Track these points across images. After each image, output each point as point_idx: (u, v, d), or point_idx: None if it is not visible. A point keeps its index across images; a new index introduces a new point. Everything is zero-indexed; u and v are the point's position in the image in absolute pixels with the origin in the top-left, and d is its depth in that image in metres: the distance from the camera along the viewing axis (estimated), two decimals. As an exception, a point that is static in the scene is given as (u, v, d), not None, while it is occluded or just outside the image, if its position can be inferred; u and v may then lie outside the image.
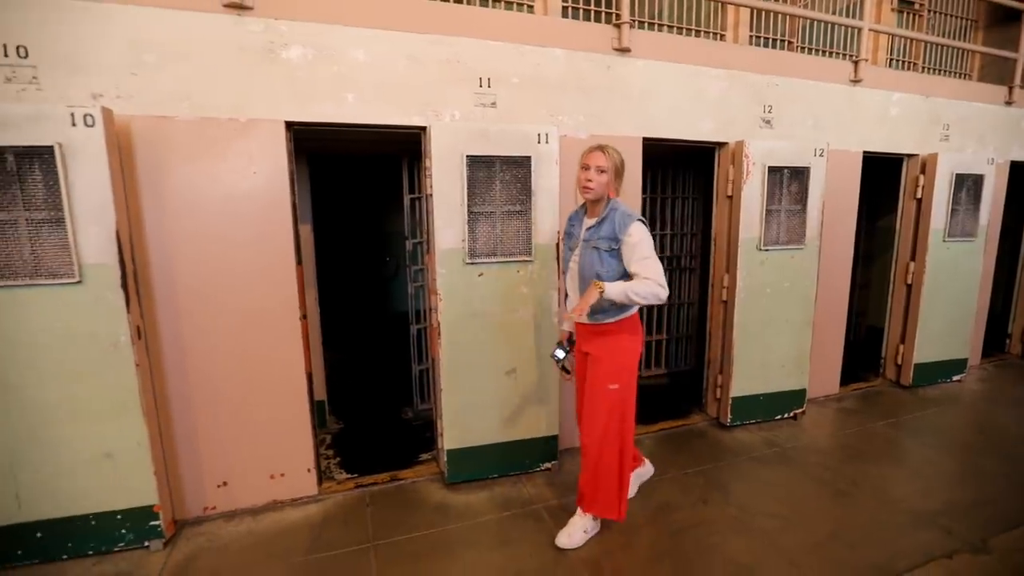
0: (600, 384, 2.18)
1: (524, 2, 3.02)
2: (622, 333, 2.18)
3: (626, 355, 2.20)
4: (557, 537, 2.30)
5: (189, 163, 2.31)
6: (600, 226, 2.12)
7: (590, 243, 2.13)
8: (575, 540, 2.28)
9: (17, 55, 2.06)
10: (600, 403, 2.19)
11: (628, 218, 2.07)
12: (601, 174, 2.08)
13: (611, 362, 2.18)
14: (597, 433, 2.20)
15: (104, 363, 2.15)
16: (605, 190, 2.11)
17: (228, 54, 2.29)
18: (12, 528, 2.18)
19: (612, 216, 2.09)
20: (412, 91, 2.58)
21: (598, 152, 2.10)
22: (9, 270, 2.02)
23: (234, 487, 2.58)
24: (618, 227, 2.06)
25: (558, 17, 2.97)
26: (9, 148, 1.95)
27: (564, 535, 2.30)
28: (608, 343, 2.18)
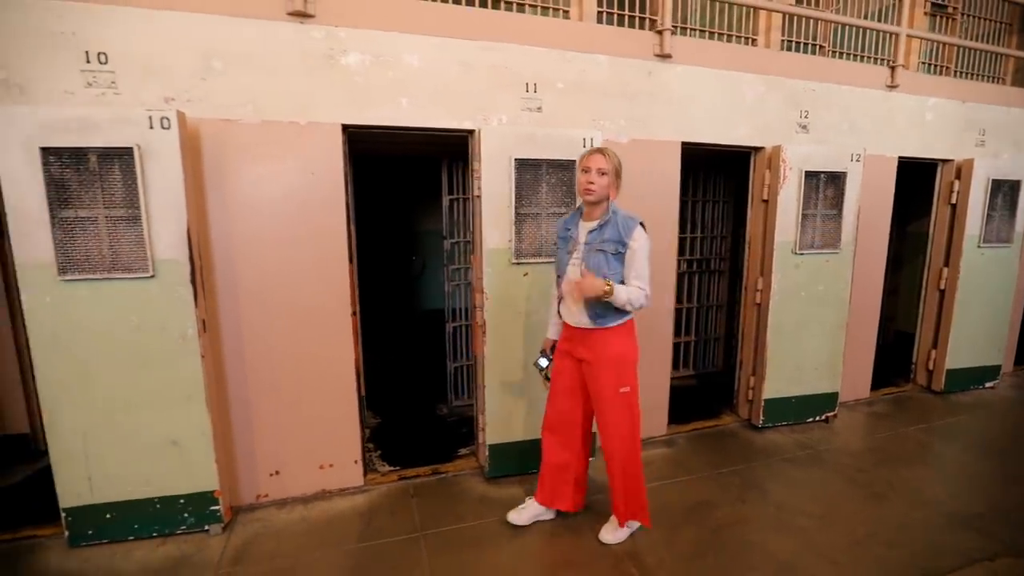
0: (613, 389, 2.19)
1: (560, 7, 3.09)
2: (625, 336, 2.21)
3: (630, 355, 2.23)
4: (601, 532, 2.37)
5: (251, 164, 2.42)
6: (603, 229, 2.12)
7: (593, 246, 2.13)
8: (620, 535, 2.36)
9: (98, 61, 2.18)
10: (619, 408, 2.21)
11: (631, 221, 2.10)
12: (602, 176, 2.08)
13: (620, 365, 2.19)
14: (619, 438, 2.23)
15: (172, 354, 2.26)
16: (606, 192, 2.11)
17: (290, 60, 2.39)
18: (84, 509, 2.29)
19: (615, 219, 2.11)
20: (462, 96, 2.66)
21: (598, 155, 2.10)
22: (89, 264, 2.13)
23: (286, 476, 2.68)
24: (623, 231, 2.08)
25: (600, 24, 3.03)
26: (92, 149, 2.07)
27: (609, 533, 2.36)
28: (612, 347, 2.18)
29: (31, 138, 2.01)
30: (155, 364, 2.25)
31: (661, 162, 3.10)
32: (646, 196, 3.10)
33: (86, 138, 2.05)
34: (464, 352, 3.87)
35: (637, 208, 3.02)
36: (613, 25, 3.11)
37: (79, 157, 2.06)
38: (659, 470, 3.03)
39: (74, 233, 2.11)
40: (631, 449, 2.26)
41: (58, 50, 2.13)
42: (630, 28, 3.08)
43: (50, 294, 2.12)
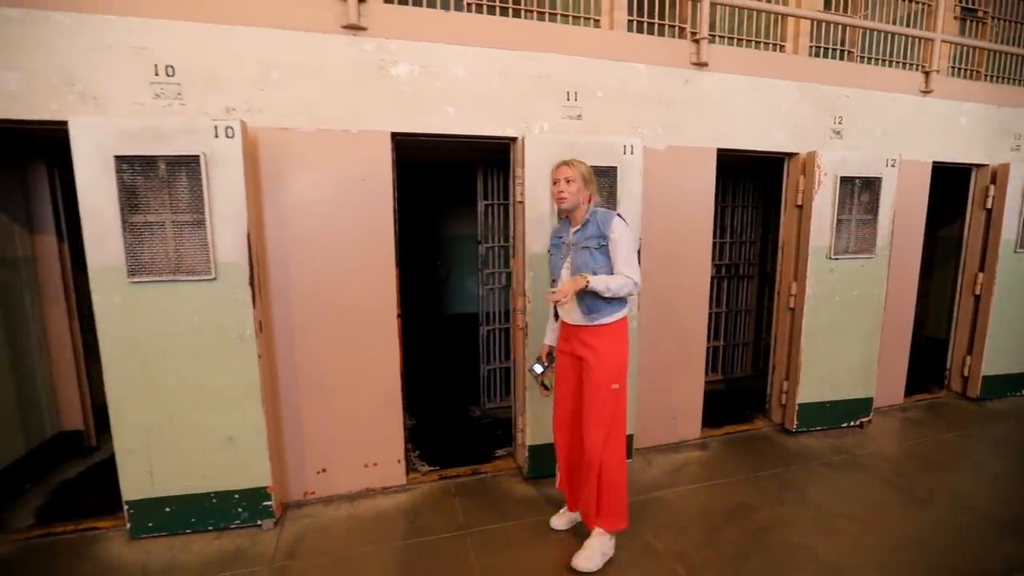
0: (603, 385, 2.21)
1: (591, 17, 3.15)
2: (616, 334, 2.24)
3: (622, 354, 2.25)
4: (574, 559, 2.22)
5: (305, 171, 2.51)
6: (586, 228, 2.22)
7: (579, 245, 2.23)
8: (595, 563, 2.21)
9: (166, 74, 2.29)
10: (604, 404, 2.20)
11: (609, 215, 2.20)
12: (570, 184, 2.20)
13: (611, 361, 2.21)
14: (601, 437, 2.20)
15: (231, 354, 2.35)
16: (578, 198, 2.22)
17: (343, 71, 2.49)
18: (145, 502, 2.39)
19: (595, 217, 2.21)
20: (505, 104, 2.73)
21: (563, 166, 2.22)
22: (156, 267, 2.23)
23: (332, 474, 2.76)
24: (602, 225, 2.18)
25: (637, 33, 3.09)
26: (162, 157, 2.17)
27: (583, 558, 2.21)
28: (604, 344, 2.22)
29: (106, 147, 2.12)
30: (215, 363, 2.34)
31: (697, 168, 3.14)
32: (682, 202, 3.15)
33: (156, 147, 2.16)
34: (497, 355, 3.93)
35: (673, 214, 3.10)
36: (643, 33, 3.17)
37: (149, 165, 2.17)
38: (695, 473, 3.05)
39: (143, 237, 2.21)
40: (614, 447, 2.23)
41: (130, 64, 2.25)
42: (667, 37, 3.13)
43: (120, 295, 2.22)
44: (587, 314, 2.21)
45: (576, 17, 3.09)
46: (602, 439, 2.21)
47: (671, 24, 3.25)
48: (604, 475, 2.22)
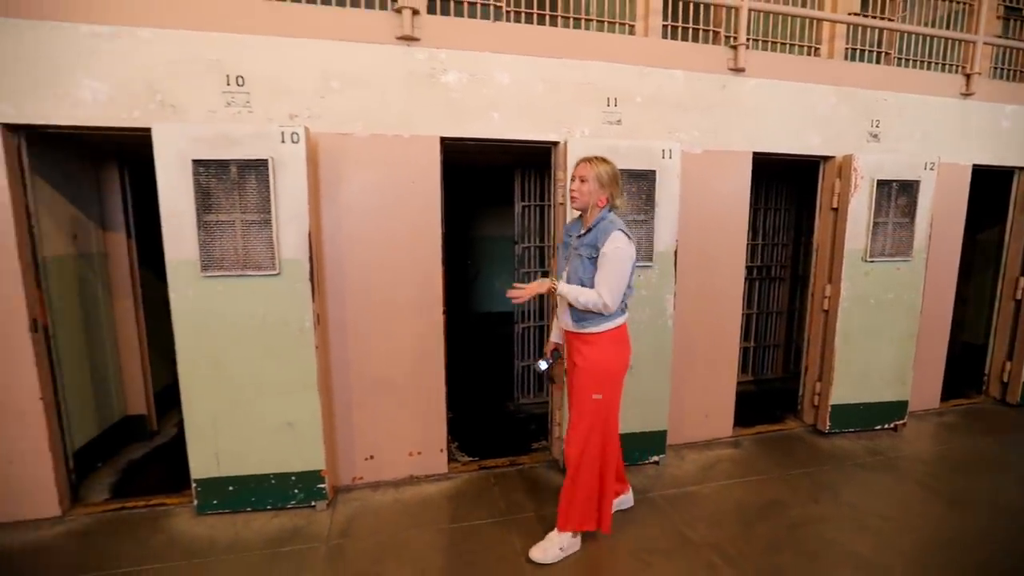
0: (584, 393, 2.19)
1: (626, 22, 3.22)
2: (606, 343, 2.18)
3: (610, 364, 2.19)
4: (531, 550, 2.28)
5: (360, 173, 2.67)
6: (587, 234, 2.17)
7: (577, 250, 2.19)
8: (549, 556, 2.25)
9: (236, 84, 2.47)
10: (584, 412, 2.19)
11: (611, 227, 2.10)
12: (583, 183, 2.12)
13: (595, 371, 2.17)
14: (579, 442, 2.20)
15: (291, 344, 2.51)
16: (589, 199, 2.14)
17: (397, 79, 2.63)
18: (211, 481, 2.57)
19: (599, 226, 2.13)
20: (548, 110, 2.85)
21: (582, 163, 2.15)
22: (225, 262, 2.41)
23: (379, 461, 2.91)
24: (600, 236, 2.10)
25: (675, 40, 3.17)
26: (233, 161, 2.35)
27: (539, 549, 2.27)
28: (592, 352, 2.18)
29: (184, 152, 2.31)
30: (277, 353, 2.51)
31: (733, 172, 3.20)
32: (717, 204, 3.22)
33: (229, 151, 2.33)
34: (531, 352, 4.04)
35: (708, 216, 3.17)
36: (677, 38, 3.23)
37: (222, 168, 2.35)
38: (727, 469, 3.11)
39: (215, 234, 2.39)
40: (589, 456, 2.21)
41: (205, 74, 2.43)
42: (704, 44, 3.20)
43: (193, 288, 2.41)
44: (576, 321, 2.19)
45: (611, 23, 3.18)
46: (579, 445, 2.20)
47: (705, 28, 3.32)
48: (579, 479, 2.23)
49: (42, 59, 2.29)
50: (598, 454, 2.23)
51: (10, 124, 2.31)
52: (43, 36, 2.29)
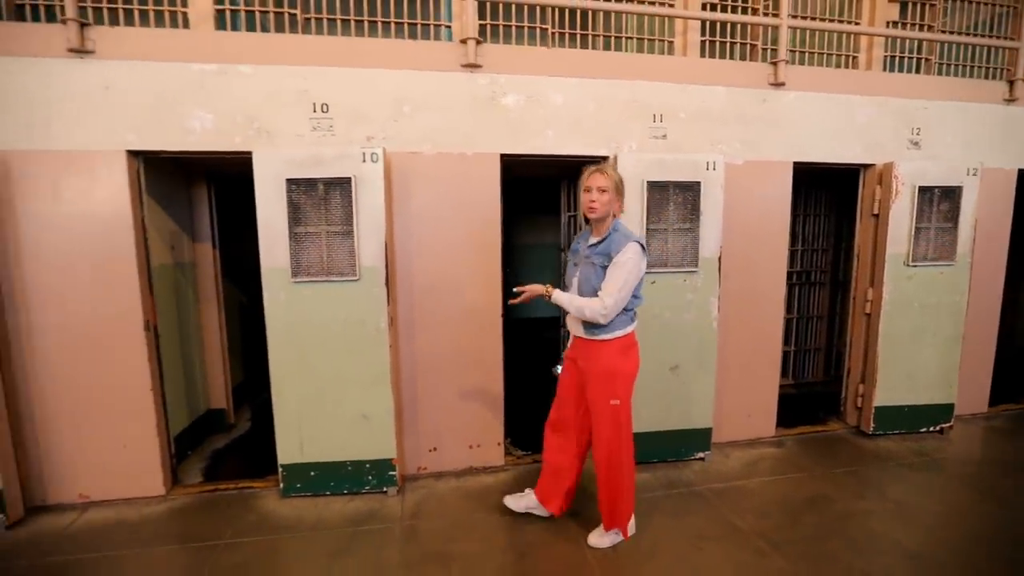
0: (603, 401, 2.26)
1: (664, 39, 3.41)
2: (614, 350, 2.24)
3: (622, 371, 2.26)
4: (590, 537, 2.45)
5: (428, 188, 2.94)
6: (600, 244, 2.21)
7: (590, 259, 2.23)
8: (605, 542, 2.42)
9: (321, 111, 2.78)
10: (606, 419, 2.28)
11: (625, 239, 2.15)
12: (603, 194, 2.15)
13: (609, 378, 2.24)
14: (605, 448, 2.30)
15: (369, 344, 2.78)
16: (608, 208, 2.18)
17: (462, 102, 2.90)
18: (296, 466, 2.86)
19: (613, 236, 2.17)
20: (598, 127, 3.06)
21: (597, 174, 2.17)
22: (312, 269, 2.71)
23: (442, 452, 3.15)
24: (615, 246, 2.14)
25: (716, 59, 3.35)
26: (321, 179, 2.64)
27: (595, 537, 2.44)
28: (603, 360, 2.24)
29: (279, 172, 2.62)
30: (355, 351, 2.78)
31: (774, 181, 3.35)
32: (759, 213, 3.36)
33: (317, 171, 2.63)
34: (576, 354, 4.22)
35: (751, 224, 3.33)
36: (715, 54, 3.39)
37: (311, 186, 2.65)
38: (771, 467, 3.23)
39: (303, 244, 2.69)
40: (618, 461, 2.31)
41: (295, 103, 2.75)
42: (744, 60, 3.37)
43: (284, 293, 2.71)
44: (587, 328, 2.25)
45: (650, 40, 3.38)
46: (607, 453, 2.31)
47: (742, 42, 3.48)
48: (611, 480, 2.35)
49: (159, 93, 2.65)
50: (628, 453, 2.34)
51: (133, 150, 2.67)
52: (160, 74, 2.64)
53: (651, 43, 3.39)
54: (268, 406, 4.26)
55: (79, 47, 2.53)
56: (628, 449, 2.35)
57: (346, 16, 2.94)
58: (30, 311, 2.66)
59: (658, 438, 3.20)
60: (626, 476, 2.36)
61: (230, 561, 2.37)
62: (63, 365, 2.72)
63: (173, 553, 2.45)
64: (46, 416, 2.74)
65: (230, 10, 2.81)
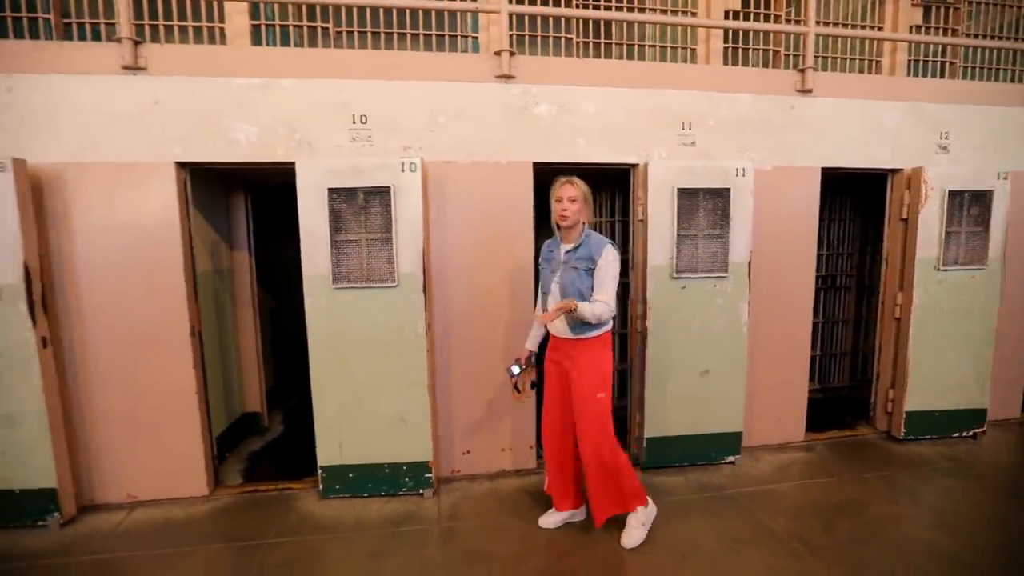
0: (590, 394, 2.38)
1: (687, 46, 3.45)
2: (601, 347, 2.41)
3: (606, 366, 2.42)
4: (622, 539, 2.48)
5: (462, 196, 3.00)
6: (577, 250, 2.36)
7: (570, 264, 2.37)
8: (636, 538, 2.47)
9: (360, 122, 2.86)
10: (591, 412, 2.39)
11: (603, 242, 2.35)
12: (573, 203, 2.32)
13: (596, 373, 2.38)
14: (594, 440, 2.39)
15: (407, 349, 2.85)
16: (578, 216, 2.35)
17: (495, 113, 2.97)
18: (336, 468, 2.93)
19: (588, 241, 2.35)
20: (628, 135, 3.12)
21: (568, 185, 2.34)
22: (353, 276, 2.78)
23: (475, 455, 3.20)
24: (594, 250, 2.31)
25: (743, 66, 3.39)
26: (361, 189, 2.72)
27: (627, 537, 2.47)
28: (591, 356, 2.39)
29: (321, 182, 2.70)
30: (393, 356, 2.85)
31: (802, 186, 3.37)
32: (787, 218, 3.39)
33: (357, 180, 2.71)
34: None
35: (779, 229, 3.35)
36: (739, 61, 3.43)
37: (351, 195, 2.73)
38: (802, 471, 3.24)
39: (344, 252, 2.77)
40: (608, 446, 2.41)
41: (334, 115, 2.84)
42: (771, 68, 3.41)
43: (325, 298, 2.79)
44: (572, 327, 2.38)
45: (673, 48, 3.43)
46: (595, 442, 2.40)
47: (765, 48, 3.52)
48: (607, 470, 2.42)
49: (205, 108, 2.75)
50: (612, 441, 2.43)
51: (180, 162, 2.78)
52: (207, 88, 2.75)
53: (673, 51, 3.45)
54: (299, 410, 4.40)
55: (132, 64, 2.64)
56: (613, 438, 2.45)
57: (376, 29, 3.03)
58: (84, 318, 2.77)
59: (688, 442, 3.22)
60: (620, 457, 2.45)
61: (276, 560, 2.44)
62: (113, 369, 2.82)
63: (221, 551, 2.53)
64: (96, 419, 2.84)
65: (265, 25, 2.92)
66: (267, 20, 2.97)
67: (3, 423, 2.58)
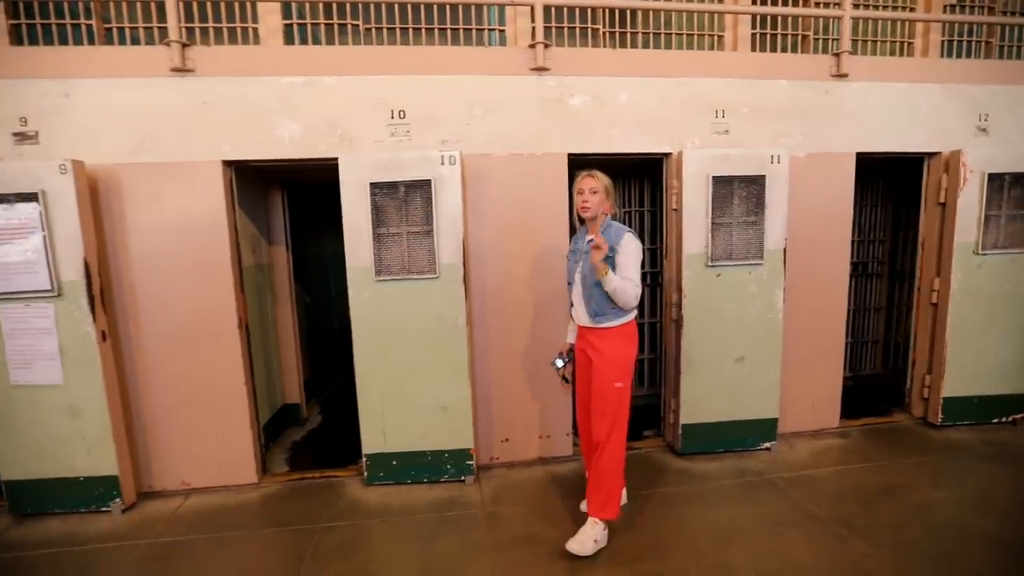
0: (608, 382, 2.37)
1: (714, 33, 3.44)
2: (622, 336, 2.40)
3: (628, 355, 2.41)
4: (569, 541, 2.37)
5: (498, 187, 3.05)
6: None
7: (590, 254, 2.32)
8: (586, 548, 2.35)
9: (399, 117, 2.92)
10: (609, 399, 2.37)
11: (621, 231, 2.36)
12: (594, 194, 2.35)
13: (616, 361, 2.37)
14: (606, 429, 2.38)
15: (447, 338, 2.92)
16: (599, 208, 2.37)
17: (530, 105, 3.01)
18: (379, 456, 3.01)
19: (607, 231, 2.36)
20: (661, 124, 3.13)
21: (588, 177, 2.37)
22: (394, 268, 2.85)
23: (513, 443, 3.26)
24: (613, 238, 2.32)
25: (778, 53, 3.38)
26: (402, 182, 2.78)
27: (576, 541, 2.36)
28: (611, 345, 2.38)
29: (363, 177, 2.77)
30: (434, 345, 2.92)
31: (837, 172, 3.36)
32: (821, 204, 3.37)
33: (398, 174, 2.77)
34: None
35: (813, 216, 3.35)
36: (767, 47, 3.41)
37: (392, 188, 2.79)
38: (839, 457, 3.25)
39: (386, 245, 2.83)
40: (615, 441, 2.39)
41: (374, 111, 2.90)
42: (804, 53, 3.39)
43: (368, 290, 2.86)
44: (592, 317, 2.40)
45: (700, 35, 3.42)
46: (606, 430, 2.38)
47: (794, 33, 3.49)
48: (603, 462, 2.39)
49: (251, 106, 2.83)
50: (622, 438, 2.43)
51: (227, 160, 2.86)
52: (252, 88, 2.82)
53: (700, 38, 3.44)
54: (335, 401, 4.50)
55: (181, 66, 2.73)
56: (624, 432, 2.44)
57: (404, 25, 3.07)
58: (139, 312, 2.88)
59: (724, 428, 3.25)
60: (620, 459, 2.43)
61: (330, 543, 2.53)
62: (167, 361, 2.93)
63: (277, 535, 2.63)
64: (152, 409, 2.96)
65: (297, 24, 2.98)
66: (299, 19, 3.03)
67: (69, 413, 2.70)
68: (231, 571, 2.37)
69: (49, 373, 2.67)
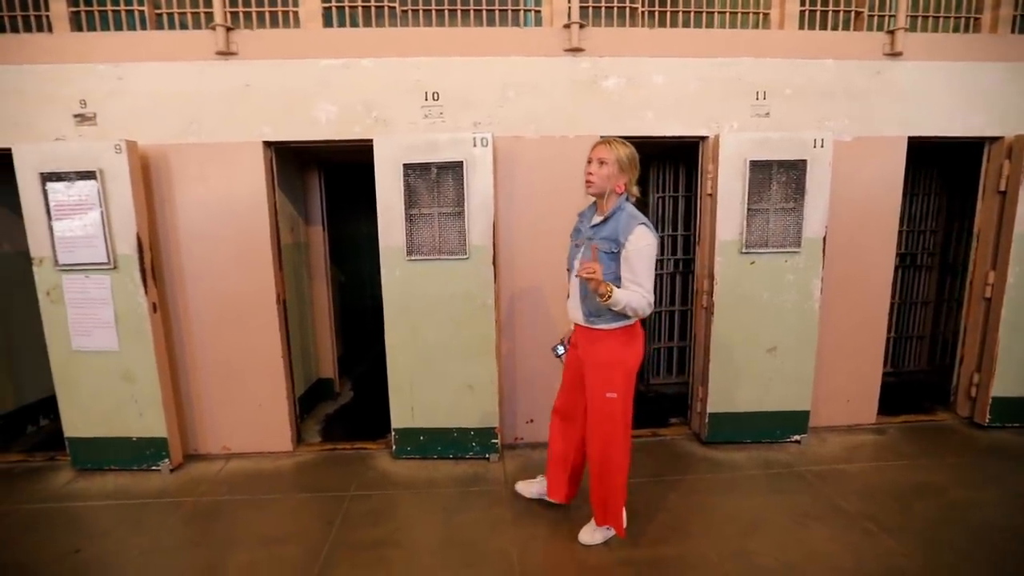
0: (600, 393, 2.12)
1: (759, 11, 3.29)
2: (616, 341, 2.08)
3: (622, 363, 2.10)
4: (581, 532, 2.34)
5: (530, 170, 3.05)
6: (604, 225, 2.02)
7: (593, 241, 2.03)
8: (595, 539, 2.32)
9: (432, 99, 2.95)
10: (600, 413, 2.13)
11: (633, 220, 1.95)
12: (602, 166, 1.97)
13: (606, 370, 2.09)
14: (600, 442, 2.17)
15: (475, 318, 2.96)
16: (607, 184, 1.99)
17: (564, 87, 2.98)
18: (407, 430, 3.11)
19: (618, 216, 1.98)
20: (698, 107, 3.05)
21: (601, 144, 2.00)
22: (425, 248, 2.91)
23: (538, 424, 3.30)
24: (621, 229, 1.94)
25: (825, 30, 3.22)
26: (434, 164, 2.82)
27: (587, 533, 2.33)
28: (602, 351, 2.09)
29: (397, 158, 2.82)
30: (462, 325, 2.97)
31: (886, 158, 3.20)
32: (867, 192, 3.23)
33: (431, 156, 2.81)
34: (662, 335, 4.26)
35: (858, 204, 3.23)
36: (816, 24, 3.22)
37: (425, 170, 2.83)
38: (873, 453, 3.15)
39: (418, 225, 2.89)
40: (609, 457, 2.17)
41: (409, 93, 2.94)
42: (855, 31, 3.22)
43: (400, 270, 2.93)
44: (586, 316, 2.12)
45: (744, 13, 3.27)
46: (600, 447, 2.17)
47: (846, 10, 3.31)
48: (604, 479, 2.22)
49: (291, 88, 2.91)
50: (621, 451, 2.18)
51: (268, 141, 2.96)
52: (291, 71, 2.90)
53: (744, 17, 3.30)
54: (366, 378, 4.65)
55: (226, 50, 2.83)
56: (623, 446, 2.18)
57: (440, 6, 3.07)
58: (185, 285, 3.04)
59: (752, 419, 3.20)
60: (617, 474, 2.20)
61: (360, 509, 2.65)
62: (211, 332, 3.10)
63: (311, 500, 2.77)
64: (198, 376, 3.14)
65: (336, 7, 3.02)
66: (337, 2, 3.07)
67: (124, 378, 2.90)
68: (268, 531, 2.52)
69: (106, 340, 2.87)
